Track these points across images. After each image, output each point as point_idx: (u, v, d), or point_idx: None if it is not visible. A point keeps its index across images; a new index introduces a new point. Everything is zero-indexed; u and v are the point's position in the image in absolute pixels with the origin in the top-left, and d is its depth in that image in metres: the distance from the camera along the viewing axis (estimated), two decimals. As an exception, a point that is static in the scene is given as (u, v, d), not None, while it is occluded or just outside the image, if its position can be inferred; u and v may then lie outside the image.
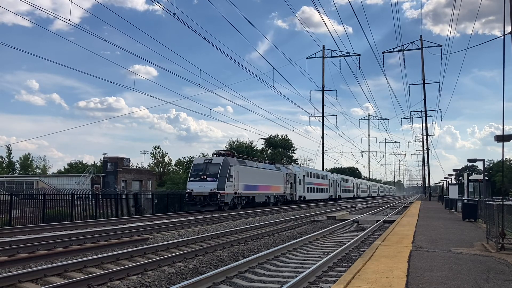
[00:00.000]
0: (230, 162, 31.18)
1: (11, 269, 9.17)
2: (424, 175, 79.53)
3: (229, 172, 30.36)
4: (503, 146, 11.19)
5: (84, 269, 9.17)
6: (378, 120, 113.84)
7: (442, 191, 54.42)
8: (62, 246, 12.20)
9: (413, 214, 23.70)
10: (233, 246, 13.01)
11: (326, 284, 7.85)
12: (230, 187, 30.44)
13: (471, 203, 20.05)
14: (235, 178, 31.28)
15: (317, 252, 12.07)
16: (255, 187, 35.27)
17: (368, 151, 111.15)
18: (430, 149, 66.89)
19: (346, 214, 28.41)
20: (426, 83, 59.15)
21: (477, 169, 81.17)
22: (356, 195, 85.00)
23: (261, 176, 36.62)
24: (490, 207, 10.92)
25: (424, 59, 59.41)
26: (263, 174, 37.42)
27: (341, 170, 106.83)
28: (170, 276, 8.43)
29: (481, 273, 7.16)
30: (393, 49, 60.48)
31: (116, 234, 14.92)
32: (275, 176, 40.45)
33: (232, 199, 31.02)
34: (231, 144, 75.29)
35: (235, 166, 31.57)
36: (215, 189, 29.19)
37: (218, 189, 29.31)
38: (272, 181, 39.32)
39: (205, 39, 25.64)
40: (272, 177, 39.37)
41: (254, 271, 9.02)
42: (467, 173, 28.69)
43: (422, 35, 66.43)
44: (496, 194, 50.54)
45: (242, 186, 32.54)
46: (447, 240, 11.86)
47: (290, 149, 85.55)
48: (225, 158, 31.04)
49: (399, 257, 8.54)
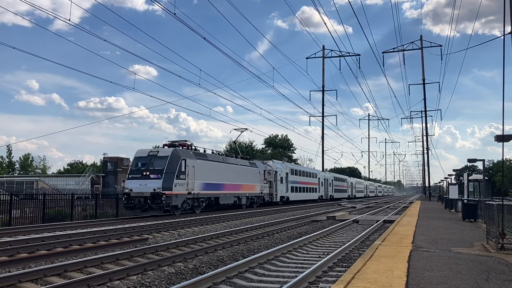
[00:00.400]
0: (182, 155, 25.31)
1: (11, 269, 9.17)
2: (424, 175, 79.58)
3: (179, 167, 24.57)
4: (503, 146, 11.20)
5: (84, 269, 9.17)
6: (378, 120, 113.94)
7: (442, 191, 54.41)
8: (62, 246, 12.19)
9: (413, 214, 23.69)
10: (233, 246, 13.01)
11: (326, 284, 7.85)
12: (181, 186, 24.63)
13: (471, 203, 20.05)
14: (190, 175, 25.44)
15: (317, 252, 12.07)
16: (219, 186, 29.53)
17: (368, 151, 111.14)
18: (430, 149, 66.94)
19: (346, 214, 28.41)
20: (426, 83, 59.20)
21: (477, 169, 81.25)
22: (351, 195, 79.95)
23: (228, 173, 30.92)
24: (490, 207, 10.92)
25: (424, 59, 59.47)
26: (231, 171, 31.62)
27: (341, 170, 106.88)
28: (170, 276, 8.43)
29: (481, 273, 7.16)
30: (393, 49, 60.53)
31: (116, 234, 14.92)
32: (249, 173, 34.76)
33: (185, 201, 25.13)
34: (231, 144, 75.38)
35: (189, 160, 25.71)
36: (159, 189, 23.22)
37: (164, 188, 23.34)
38: (244, 179, 33.54)
39: (205, 39, 25.67)
40: (244, 174, 33.69)
41: (254, 271, 9.02)
42: (467, 173, 28.68)
43: (422, 35, 66.50)
44: (496, 194, 50.57)
45: (200, 185, 26.76)
46: (447, 240, 11.86)
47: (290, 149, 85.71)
48: (175, 150, 25.32)
49: (399, 257, 8.54)
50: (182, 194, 24.84)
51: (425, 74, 60.72)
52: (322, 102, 68.90)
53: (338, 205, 46.12)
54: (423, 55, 59.05)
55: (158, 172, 23.96)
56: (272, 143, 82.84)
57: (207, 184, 27.69)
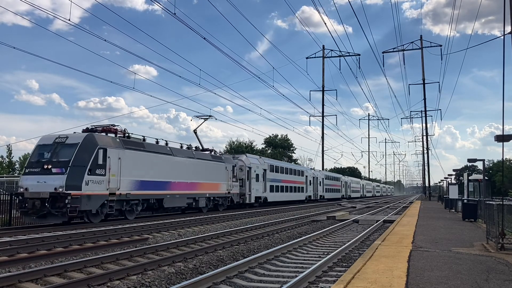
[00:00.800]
0: (100, 143, 19.28)
1: (11, 269, 9.17)
2: (424, 175, 79.48)
3: (94, 159, 18.62)
4: (503, 146, 11.21)
5: (84, 269, 9.17)
6: (378, 120, 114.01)
7: (442, 191, 54.42)
8: (62, 246, 12.20)
9: (413, 214, 23.69)
10: (233, 246, 13.02)
11: (326, 284, 7.85)
12: (97, 184, 18.68)
13: (471, 203, 20.06)
14: (113, 170, 19.61)
15: (317, 252, 12.07)
16: (163, 184, 23.44)
17: (368, 151, 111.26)
18: (430, 149, 66.92)
19: (346, 214, 28.42)
20: (426, 83, 59.21)
21: (477, 169, 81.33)
22: (346, 196, 75.34)
23: (178, 169, 24.91)
24: (490, 207, 10.92)
25: (424, 59, 59.49)
26: (182, 166, 25.36)
27: (341, 170, 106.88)
28: (170, 276, 8.43)
29: (481, 273, 7.16)
30: (393, 49, 60.50)
31: (116, 234, 14.93)
32: (211, 169, 28.68)
33: (105, 204, 19.24)
34: (231, 144, 75.41)
35: (112, 149, 19.72)
36: (62, 188, 17.33)
37: (68, 187, 17.42)
38: (203, 176, 27.48)
39: (205, 39, 25.65)
40: (203, 170, 27.66)
41: (254, 271, 9.02)
42: (467, 173, 28.71)
43: (422, 35, 66.52)
44: (496, 194, 50.60)
45: (130, 182, 20.82)
46: (447, 240, 11.86)
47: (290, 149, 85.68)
48: (90, 136, 19.26)
49: (399, 257, 8.54)
50: (100, 195, 18.87)
51: (425, 74, 60.89)
52: (322, 102, 68.93)
53: (338, 205, 46.15)
54: (423, 55, 59.14)
55: (62, 165, 17.98)
56: (272, 143, 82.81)
57: (143, 182, 21.73)
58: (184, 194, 25.47)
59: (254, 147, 76.24)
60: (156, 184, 22.95)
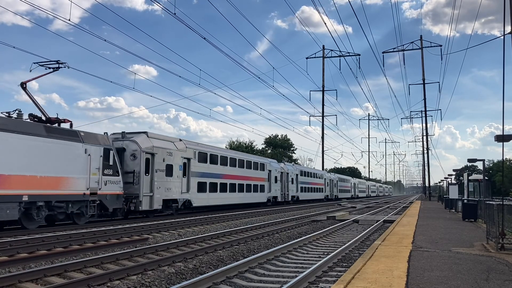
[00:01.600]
0: None
1: (11, 269, 9.16)
2: (424, 175, 79.57)
3: None
4: (503, 146, 11.21)
5: (84, 269, 9.17)
6: (378, 120, 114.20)
7: (442, 191, 54.44)
8: (62, 246, 12.20)
9: (413, 214, 23.69)
10: (233, 246, 13.01)
11: (326, 284, 7.85)
12: None
13: (471, 203, 20.06)
14: None
15: (317, 252, 12.07)
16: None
17: (368, 151, 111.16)
18: (430, 149, 66.91)
19: (346, 214, 28.42)
20: (426, 83, 59.16)
21: (477, 169, 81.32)
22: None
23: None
24: (490, 207, 10.93)
25: (424, 59, 59.46)
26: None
27: (341, 170, 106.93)
28: (170, 276, 8.43)
29: (481, 273, 7.16)
30: (393, 49, 60.49)
31: (116, 234, 14.92)
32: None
33: None
34: (231, 144, 75.43)
35: None
36: None
37: None
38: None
39: (205, 39, 25.62)
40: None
41: (254, 271, 9.02)
42: (467, 173, 28.70)
43: (422, 35, 66.49)
44: (496, 194, 50.63)
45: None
46: (447, 240, 11.86)
47: (290, 149, 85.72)
48: None
49: (399, 257, 8.54)
50: None
51: (425, 74, 60.79)
52: (322, 102, 68.98)
53: (338, 205, 46.19)
54: (423, 55, 59.10)
55: None
56: (272, 143, 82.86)
57: None
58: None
59: (254, 147, 76.28)
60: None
